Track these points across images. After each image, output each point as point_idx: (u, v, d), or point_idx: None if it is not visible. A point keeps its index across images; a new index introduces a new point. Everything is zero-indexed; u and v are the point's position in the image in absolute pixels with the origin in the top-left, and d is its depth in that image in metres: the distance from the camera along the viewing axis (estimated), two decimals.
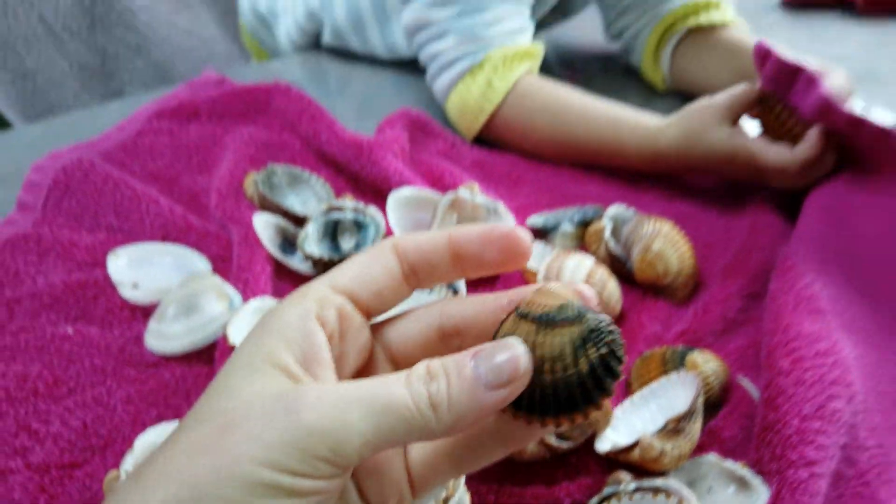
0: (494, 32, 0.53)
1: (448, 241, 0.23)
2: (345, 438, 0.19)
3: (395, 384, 0.20)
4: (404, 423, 0.19)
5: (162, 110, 0.59)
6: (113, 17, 0.88)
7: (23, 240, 0.47)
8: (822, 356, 0.33)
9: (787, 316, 0.35)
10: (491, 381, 0.20)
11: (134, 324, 0.42)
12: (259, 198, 0.48)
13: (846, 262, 0.38)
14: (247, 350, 0.21)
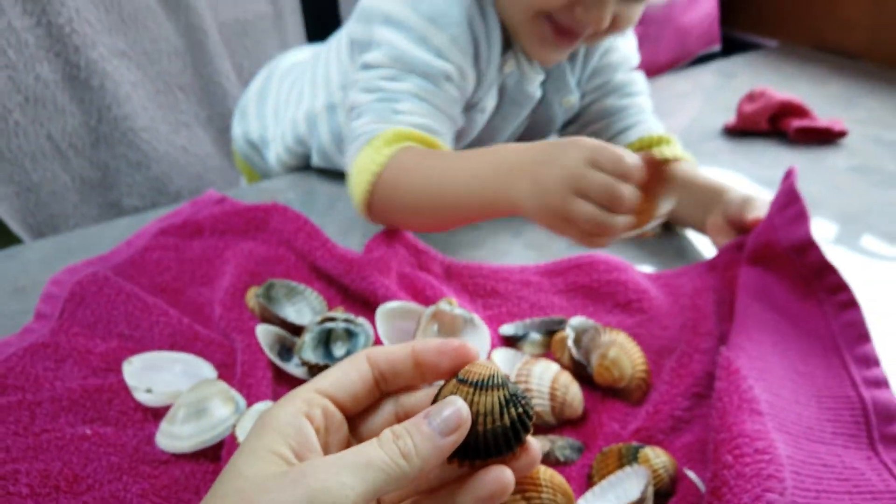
0: (402, 118, 0.59)
1: (411, 354, 0.30)
2: (342, 494, 0.25)
3: (370, 449, 0.26)
4: (384, 475, 0.26)
5: (168, 227, 0.65)
6: (117, 135, 0.95)
7: (42, 347, 0.52)
8: (760, 453, 0.38)
9: (731, 415, 0.41)
10: (443, 430, 0.27)
11: (146, 425, 0.46)
12: (260, 309, 0.53)
13: (776, 367, 0.44)
14: (251, 443, 0.27)
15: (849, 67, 1.14)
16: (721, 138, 0.90)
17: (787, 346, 0.46)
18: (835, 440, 0.41)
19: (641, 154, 0.46)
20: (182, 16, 0.98)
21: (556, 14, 0.58)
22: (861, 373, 0.44)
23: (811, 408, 0.42)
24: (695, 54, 1.23)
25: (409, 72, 0.60)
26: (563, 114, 0.72)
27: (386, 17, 0.62)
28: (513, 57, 0.65)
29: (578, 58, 0.70)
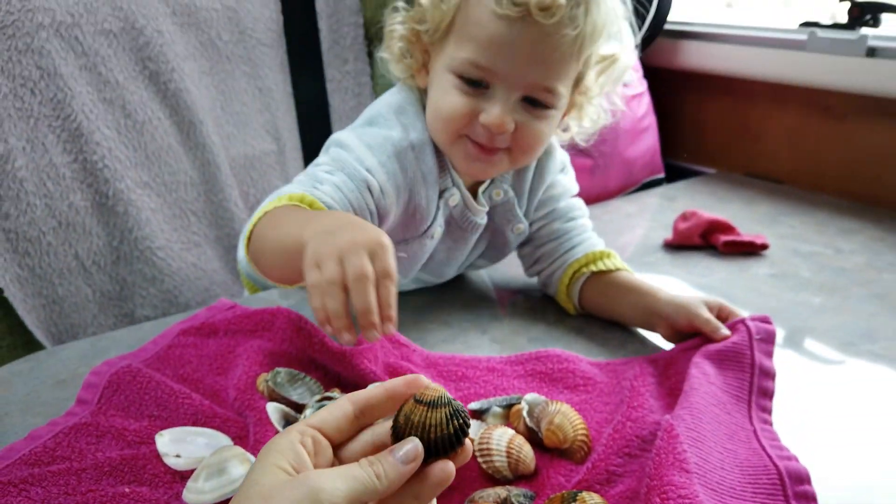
0: (317, 192, 0.68)
1: (385, 392, 0.42)
2: (334, 493, 0.36)
3: (354, 467, 0.38)
4: (363, 487, 0.37)
5: (187, 328, 0.77)
6: (136, 253, 1.08)
7: (84, 426, 0.61)
8: (683, 498, 0.48)
9: (664, 468, 0.50)
10: (404, 460, 0.39)
11: (175, 485, 0.56)
12: (268, 391, 0.64)
13: (708, 439, 0.55)
14: (261, 462, 0.39)
15: (775, 191, 1.32)
16: (661, 251, 1.04)
17: (717, 427, 0.58)
18: (755, 497, 0.51)
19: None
20: (198, 152, 1.14)
21: (469, 132, 0.71)
22: (776, 453, 0.55)
23: (735, 473, 0.53)
24: (641, 181, 1.41)
25: (339, 170, 0.71)
26: (515, 239, 0.85)
27: (337, 142, 0.75)
28: (457, 191, 0.78)
29: (525, 193, 0.83)
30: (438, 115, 0.73)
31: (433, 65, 0.74)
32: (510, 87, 0.69)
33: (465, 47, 0.68)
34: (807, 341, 0.78)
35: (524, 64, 0.67)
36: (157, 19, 1.09)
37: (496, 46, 0.67)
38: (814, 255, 1.01)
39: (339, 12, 1.29)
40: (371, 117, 0.77)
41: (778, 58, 1.31)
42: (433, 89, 0.74)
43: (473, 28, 0.68)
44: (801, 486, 0.52)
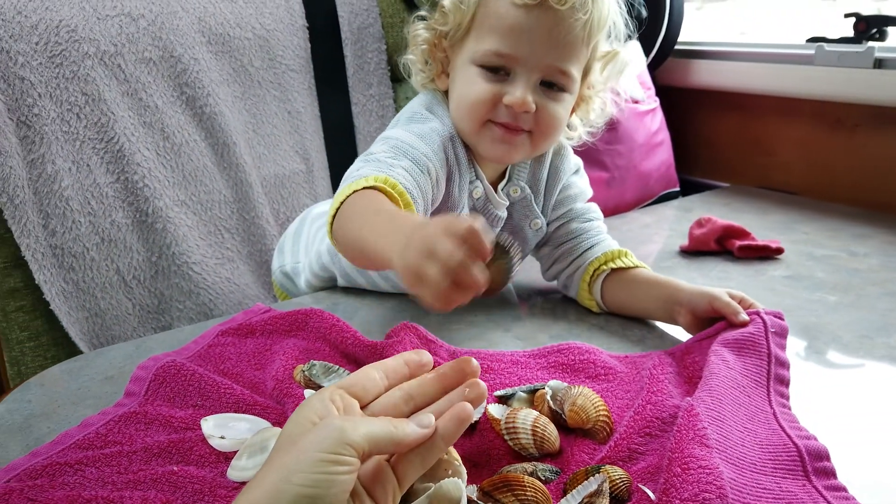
0: (393, 172, 0.69)
1: (404, 361, 0.48)
2: (355, 430, 0.40)
3: (377, 419, 0.43)
4: (383, 432, 0.42)
5: (226, 330, 0.81)
6: (173, 268, 1.14)
7: (133, 415, 0.66)
8: (703, 469, 0.49)
9: (683, 443, 0.53)
10: (420, 425, 0.43)
11: (219, 464, 0.59)
12: (304, 380, 0.68)
13: (728, 419, 0.58)
14: (296, 418, 0.43)
15: (789, 201, 1.34)
16: (677, 257, 1.07)
17: (737, 408, 0.60)
18: (775, 472, 0.53)
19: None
20: (232, 172, 1.20)
21: (494, 116, 0.77)
22: (795, 433, 0.58)
23: (755, 450, 0.55)
24: (657, 194, 1.45)
25: (402, 155, 0.73)
26: (533, 235, 0.90)
27: (383, 138, 0.79)
28: (480, 184, 0.84)
29: (541, 191, 0.88)
30: (464, 103, 0.78)
31: (453, 65, 0.81)
32: (530, 70, 0.75)
33: (487, 39, 0.75)
34: (824, 335, 0.80)
35: (542, 47, 0.74)
36: (194, 48, 1.16)
37: (516, 33, 0.74)
38: (828, 258, 1.04)
39: (362, 39, 1.35)
40: (409, 117, 0.83)
41: (787, 72, 1.35)
42: (456, 83, 0.80)
43: (494, 20, 0.75)
44: (820, 462, 0.54)
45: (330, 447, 0.39)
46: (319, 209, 1.08)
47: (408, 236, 0.50)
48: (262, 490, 0.38)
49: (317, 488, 0.38)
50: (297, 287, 1.04)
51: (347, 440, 0.39)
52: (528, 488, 0.50)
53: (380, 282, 0.93)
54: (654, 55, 1.49)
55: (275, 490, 0.38)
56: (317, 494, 0.38)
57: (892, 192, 1.28)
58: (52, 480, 0.55)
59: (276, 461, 0.40)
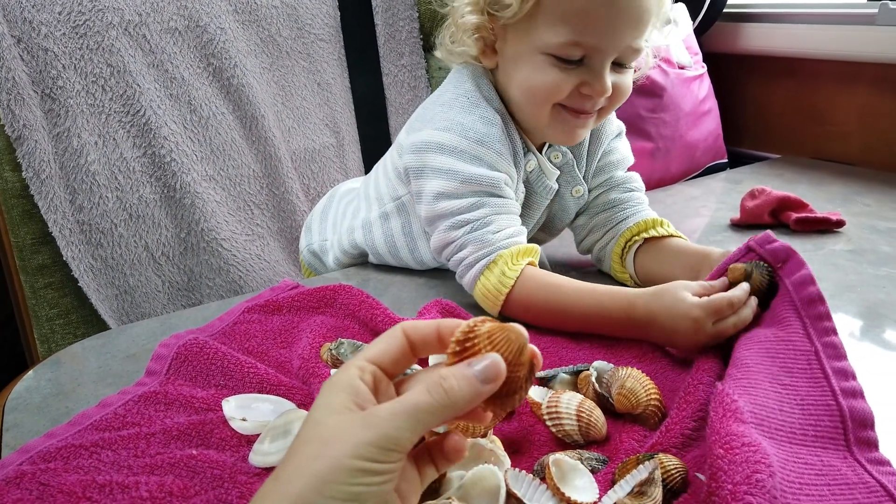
0: (499, 237, 0.73)
1: (437, 328, 0.39)
2: (399, 435, 0.34)
3: (418, 395, 0.35)
4: (429, 415, 0.35)
5: (252, 307, 0.78)
6: (202, 245, 1.11)
7: (153, 395, 0.63)
8: (747, 446, 0.45)
9: (719, 422, 0.48)
10: (482, 378, 0.35)
11: (241, 448, 0.56)
12: (332, 359, 0.64)
13: (763, 383, 0.52)
14: (323, 400, 0.37)
15: (846, 172, 1.26)
16: (728, 230, 1.01)
17: (773, 362, 0.54)
18: (815, 443, 0.48)
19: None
20: (261, 146, 1.17)
21: (567, 101, 0.72)
22: (840, 384, 0.51)
23: (795, 415, 0.50)
24: (704, 166, 1.37)
25: (478, 193, 0.74)
26: (574, 203, 0.85)
27: (440, 147, 0.75)
28: (533, 157, 0.80)
29: (584, 156, 0.84)
30: (537, 94, 0.73)
31: (508, 47, 0.74)
32: (607, 55, 0.70)
33: (561, 30, 0.69)
34: (892, 313, 0.73)
35: (620, 32, 0.69)
36: (220, 17, 1.13)
37: (594, 22, 0.68)
38: (893, 231, 0.96)
39: (393, 7, 1.30)
40: (450, 100, 0.78)
41: (846, 34, 1.26)
42: (520, 69, 0.74)
43: (568, 8, 0.68)
44: (864, 431, 0.48)
45: (372, 453, 0.33)
46: (347, 186, 1.04)
47: (657, 327, 0.64)
48: (290, 502, 0.33)
49: (355, 502, 0.33)
50: (326, 266, 1.01)
51: (392, 442, 0.34)
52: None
53: (410, 262, 0.89)
54: (702, 19, 1.40)
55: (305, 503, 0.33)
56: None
57: None
58: (67, 464, 0.52)
59: (305, 465, 0.34)
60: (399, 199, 0.85)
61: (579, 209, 0.86)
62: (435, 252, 0.79)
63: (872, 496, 0.44)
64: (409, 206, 0.84)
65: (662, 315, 0.63)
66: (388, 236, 0.88)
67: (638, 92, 0.85)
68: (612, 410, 0.57)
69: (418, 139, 0.78)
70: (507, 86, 0.77)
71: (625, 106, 0.77)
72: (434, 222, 0.77)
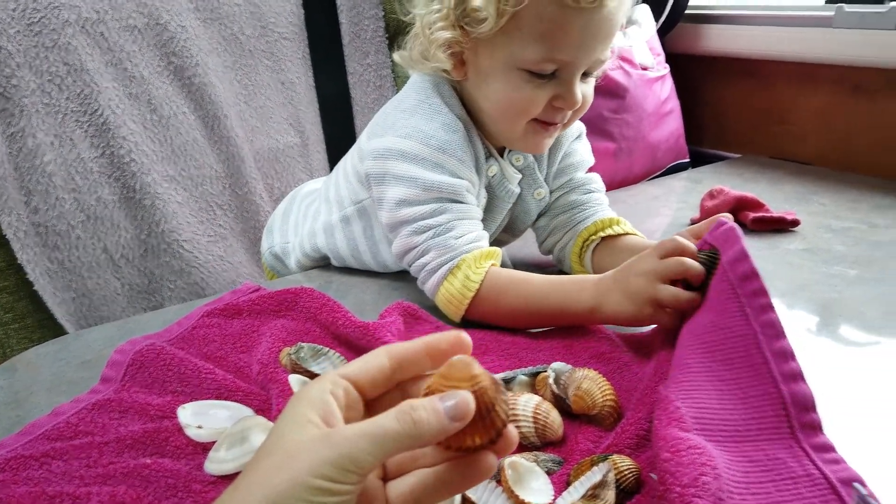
0: (461, 242, 0.73)
1: (424, 346, 0.39)
2: (361, 457, 0.33)
3: (386, 420, 0.34)
4: (394, 443, 0.34)
5: (212, 310, 0.77)
6: (163, 246, 1.09)
7: (107, 402, 0.62)
8: (693, 449, 0.46)
9: (663, 429, 0.49)
10: (451, 414, 0.35)
11: (196, 456, 0.55)
12: (291, 364, 0.64)
13: (703, 383, 0.53)
14: (290, 412, 0.36)
15: (804, 172, 1.29)
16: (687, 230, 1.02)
17: (713, 356, 0.55)
18: (759, 436, 0.49)
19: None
20: (223, 146, 1.15)
21: (542, 115, 0.73)
22: (779, 367, 0.50)
23: (737, 412, 0.50)
24: (666, 166, 1.39)
25: (440, 200, 0.74)
26: (535, 205, 0.86)
27: (402, 154, 0.75)
28: (495, 162, 0.80)
29: (544, 159, 0.85)
30: (511, 110, 0.74)
31: (482, 60, 0.73)
32: (578, 69, 0.71)
33: (537, 46, 0.69)
34: (845, 311, 0.75)
35: (592, 47, 0.70)
36: (181, 15, 1.11)
37: (571, 39, 0.68)
38: (847, 231, 0.98)
39: (359, 6, 1.29)
40: (412, 106, 0.78)
41: (803, 36, 1.28)
42: (491, 84, 0.74)
43: (545, 26, 0.68)
44: (806, 414, 0.48)
45: (331, 472, 0.32)
46: (310, 187, 1.03)
47: (616, 290, 0.66)
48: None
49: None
50: (288, 268, 1.00)
51: (353, 463, 0.33)
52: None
53: (373, 265, 0.89)
54: (664, 20, 1.42)
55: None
56: None
57: None
58: (16, 475, 0.51)
59: (264, 478, 0.33)
60: (360, 203, 0.84)
61: (541, 211, 0.87)
62: (396, 257, 0.79)
63: (816, 489, 0.44)
64: (371, 209, 0.84)
65: (622, 273, 0.66)
66: (350, 240, 0.88)
67: (601, 93, 0.86)
68: (569, 411, 0.58)
69: (380, 145, 0.77)
70: (476, 97, 0.77)
71: None
72: (396, 228, 0.77)
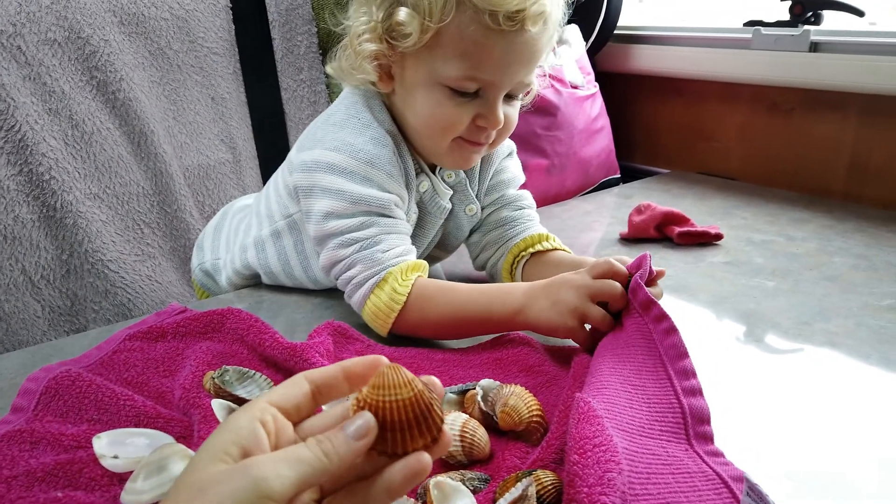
0: (388, 256, 0.73)
1: (341, 370, 0.39)
2: (279, 482, 0.33)
3: (301, 448, 0.35)
4: (311, 469, 0.35)
5: (134, 333, 0.74)
6: (86, 267, 1.05)
7: (17, 433, 0.59)
8: (598, 447, 0.47)
9: (574, 428, 0.50)
10: (356, 436, 0.36)
11: (112, 487, 0.53)
12: (215, 388, 0.62)
13: (614, 384, 0.55)
14: (210, 443, 0.36)
15: (727, 186, 1.34)
16: (618, 245, 1.05)
17: (623, 365, 0.57)
18: (661, 436, 0.51)
19: None
20: (150, 163, 1.12)
21: (464, 134, 0.74)
22: (681, 383, 0.55)
23: (643, 412, 0.53)
24: (598, 181, 1.43)
25: (367, 213, 0.74)
26: (467, 221, 0.87)
27: (330, 167, 0.75)
28: (426, 178, 0.80)
29: (475, 176, 0.86)
30: (435, 126, 0.74)
31: (406, 75, 0.74)
32: (501, 89, 0.72)
33: (458, 64, 0.69)
34: (763, 322, 0.78)
35: (515, 69, 0.71)
36: (104, 28, 1.08)
37: (492, 60, 0.69)
38: (766, 244, 1.03)
39: (291, 21, 1.28)
40: (342, 120, 0.78)
41: (725, 57, 1.34)
42: (417, 99, 0.74)
43: (466, 45, 0.69)
44: (701, 426, 0.52)
45: (245, 500, 0.32)
46: (242, 202, 1.01)
47: (543, 297, 0.67)
48: None
49: None
50: (219, 286, 0.98)
51: (268, 494, 0.32)
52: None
53: (305, 281, 0.87)
54: (594, 40, 1.46)
55: None
56: None
57: (827, 176, 1.28)
58: None
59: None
60: (290, 217, 0.83)
61: (473, 227, 0.88)
62: (323, 271, 0.78)
63: (709, 483, 0.48)
64: (301, 223, 0.83)
65: (554, 284, 0.68)
66: (282, 254, 0.86)
67: (533, 111, 0.88)
68: (497, 428, 0.58)
69: (309, 158, 0.77)
70: (404, 111, 0.77)
71: (520, 124, 0.78)
72: (323, 241, 0.76)
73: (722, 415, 0.55)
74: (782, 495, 0.50)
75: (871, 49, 1.16)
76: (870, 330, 0.75)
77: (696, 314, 0.81)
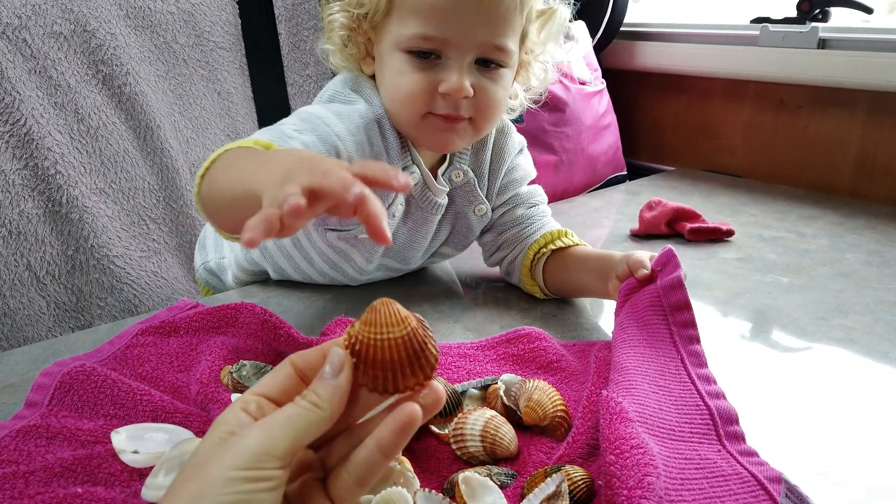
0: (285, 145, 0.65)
1: (321, 353, 0.40)
2: (273, 444, 0.34)
3: (289, 407, 0.36)
4: (304, 422, 0.35)
5: (147, 328, 0.73)
6: (92, 262, 1.04)
7: (33, 428, 0.58)
8: (636, 448, 0.47)
9: (608, 427, 0.49)
10: (332, 373, 0.37)
11: (132, 483, 0.52)
12: (233, 383, 0.61)
13: (642, 385, 0.54)
14: (207, 437, 0.36)
15: (735, 184, 1.34)
16: (628, 241, 1.04)
17: (648, 365, 0.57)
18: (692, 438, 0.51)
19: None
20: (156, 158, 1.11)
21: (432, 107, 0.70)
22: (704, 387, 0.55)
23: (672, 413, 0.52)
24: (605, 178, 1.42)
25: (310, 130, 0.69)
26: (478, 221, 0.85)
27: (302, 112, 0.73)
28: (418, 170, 0.77)
29: (485, 175, 0.83)
30: (398, 96, 0.71)
31: (378, 49, 0.73)
32: (462, 51, 0.68)
33: (410, 22, 0.68)
34: (780, 318, 0.78)
35: (472, 25, 0.67)
36: (110, 22, 1.07)
37: (442, 13, 0.66)
38: (778, 240, 1.02)
39: (297, 16, 1.27)
40: (330, 96, 0.76)
41: (731, 54, 1.34)
42: (385, 72, 0.73)
43: (415, 1, 0.67)
44: (730, 426, 0.52)
45: (245, 462, 0.33)
46: None
47: (298, 160, 0.44)
48: None
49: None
50: (225, 284, 0.97)
51: (266, 450, 0.33)
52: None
53: (312, 273, 0.86)
54: (600, 37, 1.46)
55: None
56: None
57: (834, 172, 1.28)
58: None
59: (182, 488, 0.33)
60: None
61: (485, 226, 0.87)
62: None
63: (745, 485, 0.47)
64: None
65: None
66: (283, 248, 0.85)
67: (542, 106, 0.86)
68: (520, 423, 0.57)
69: None
70: (381, 90, 0.75)
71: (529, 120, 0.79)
72: None
73: (746, 413, 0.54)
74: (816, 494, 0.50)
75: (880, 46, 1.16)
76: (887, 325, 0.75)
77: (712, 310, 0.81)
